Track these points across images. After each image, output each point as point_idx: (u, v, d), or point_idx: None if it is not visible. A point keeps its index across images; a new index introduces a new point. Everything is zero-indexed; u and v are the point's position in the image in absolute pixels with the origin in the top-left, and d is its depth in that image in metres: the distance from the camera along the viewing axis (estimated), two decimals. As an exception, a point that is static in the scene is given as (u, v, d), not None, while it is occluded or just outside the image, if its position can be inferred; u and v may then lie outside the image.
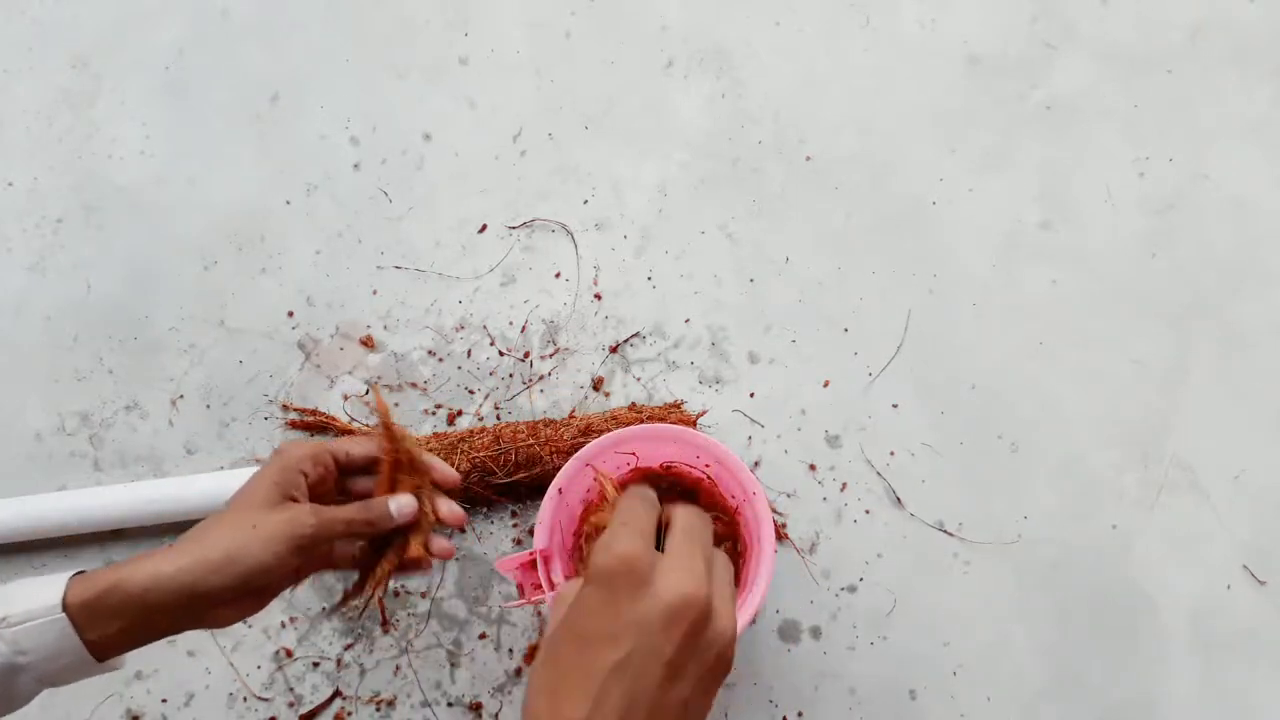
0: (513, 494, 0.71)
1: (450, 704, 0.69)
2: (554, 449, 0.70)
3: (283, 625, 0.71)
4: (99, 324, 0.78)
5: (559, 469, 0.67)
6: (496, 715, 0.69)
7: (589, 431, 0.70)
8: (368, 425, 0.75)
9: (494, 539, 0.72)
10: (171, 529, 0.73)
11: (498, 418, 0.75)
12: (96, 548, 0.73)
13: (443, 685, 0.70)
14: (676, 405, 0.74)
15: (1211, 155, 0.78)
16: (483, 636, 0.70)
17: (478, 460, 0.70)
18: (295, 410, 0.75)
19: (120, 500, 0.71)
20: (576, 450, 0.65)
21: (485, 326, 0.77)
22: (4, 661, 0.46)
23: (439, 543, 0.58)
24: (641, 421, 0.71)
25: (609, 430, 0.66)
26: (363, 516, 0.54)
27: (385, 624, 0.71)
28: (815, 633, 0.70)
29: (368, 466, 0.58)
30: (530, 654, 0.70)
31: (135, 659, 0.70)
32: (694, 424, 0.73)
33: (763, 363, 0.75)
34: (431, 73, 0.83)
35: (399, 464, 0.57)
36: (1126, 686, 0.69)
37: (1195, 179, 0.78)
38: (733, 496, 0.65)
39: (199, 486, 0.71)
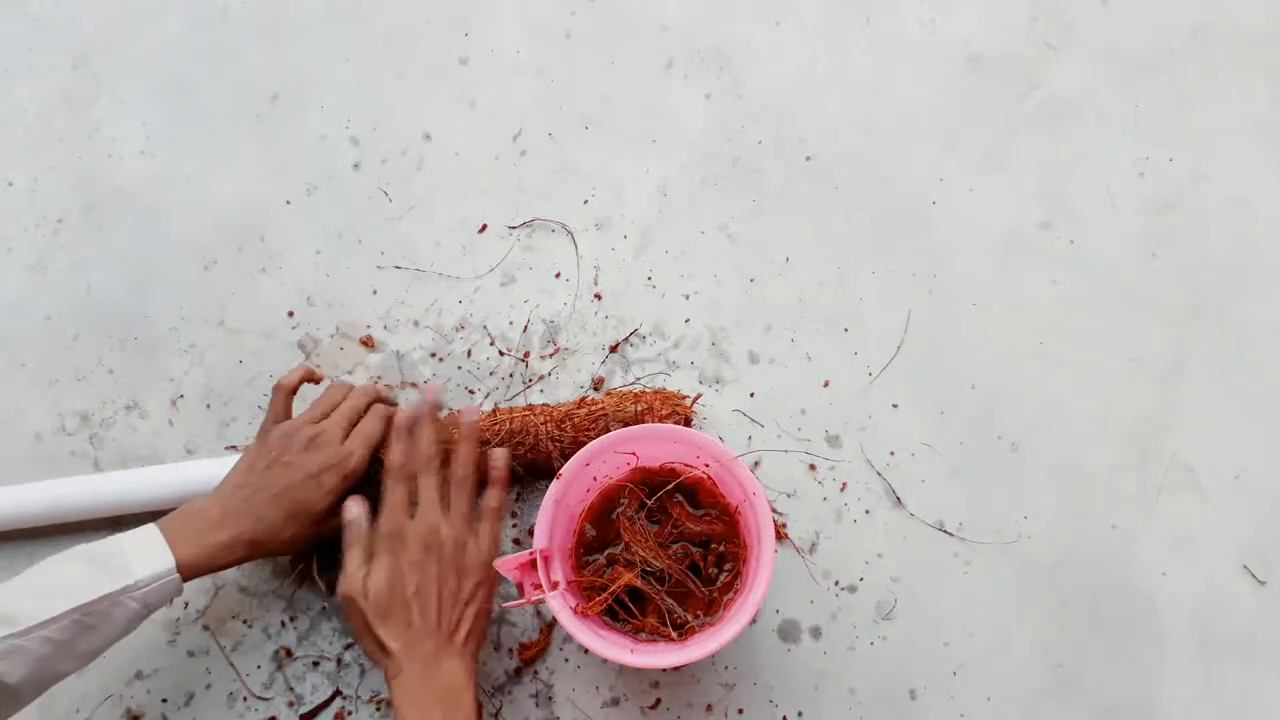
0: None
1: (450, 704, 0.69)
2: (548, 418, 0.69)
3: (283, 625, 0.71)
4: (99, 324, 0.78)
5: (555, 453, 0.68)
6: (496, 715, 0.69)
7: (594, 413, 0.70)
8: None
9: (494, 539, 0.72)
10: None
11: (498, 418, 0.75)
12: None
13: (443, 685, 0.70)
14: (660, 392, 0.73)
15: (1211, 155, 0.78)
16: (483, 636, 0.70)
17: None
18: (295, 410, 0.75)
19: (111, 488, 0.70)
20: (574, 432, 0.67)
21: (485, 326, 0.77)
22: (136, 615, 0.59)
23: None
24: (633, 402, 0.70)
25: (605, 423, 0.67)
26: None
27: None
28: (815, 633, 0.70)
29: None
30: (523, 651, 0.70)
31: (136, 659, 0.70)
32: (689, 412, 0.72)
33: (763, 363, 0.75)
34: (431, 73, 0.83)
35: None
36: (1126, 686, 0.69)
37: (1195, 179, 0.78)
38: (733, 496, 0.65)
39: (192, 472, 0.70)
